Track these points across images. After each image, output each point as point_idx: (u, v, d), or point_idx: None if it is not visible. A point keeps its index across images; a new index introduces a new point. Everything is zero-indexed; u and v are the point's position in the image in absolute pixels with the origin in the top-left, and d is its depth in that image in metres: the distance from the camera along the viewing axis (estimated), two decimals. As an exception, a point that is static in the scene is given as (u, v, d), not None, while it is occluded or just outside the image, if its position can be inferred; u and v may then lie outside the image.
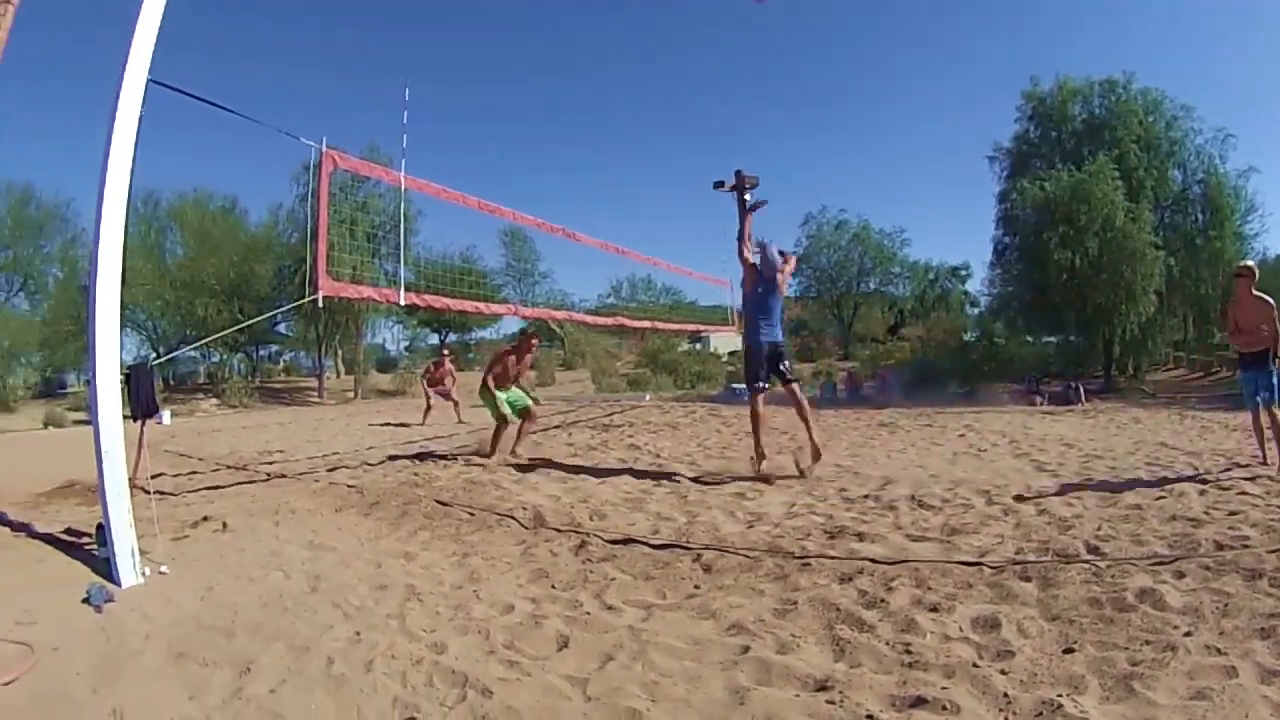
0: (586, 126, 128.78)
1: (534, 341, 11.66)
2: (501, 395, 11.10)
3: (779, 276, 9.20)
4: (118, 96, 5.46)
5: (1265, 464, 8.39)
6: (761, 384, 8.96)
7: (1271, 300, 8.45)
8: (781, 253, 9.41)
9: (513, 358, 11.40)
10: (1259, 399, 8.43)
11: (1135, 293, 24.39)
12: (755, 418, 8.91)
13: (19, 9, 5.14)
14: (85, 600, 4.88)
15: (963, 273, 56.43)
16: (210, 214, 36.60)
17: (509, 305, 11.77)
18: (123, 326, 5.65)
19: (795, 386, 9.14)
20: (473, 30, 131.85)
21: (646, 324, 24.77)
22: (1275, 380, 8.38)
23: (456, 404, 19.19)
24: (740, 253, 9.41)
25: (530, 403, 11.60)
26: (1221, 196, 26.30)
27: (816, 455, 8.76)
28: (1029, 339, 30.25)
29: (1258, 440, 8.67)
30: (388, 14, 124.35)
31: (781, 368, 9.06)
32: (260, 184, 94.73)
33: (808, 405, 8.97)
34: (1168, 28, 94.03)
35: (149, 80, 5.64)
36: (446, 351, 23.19)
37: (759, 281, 9.15)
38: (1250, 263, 9.03)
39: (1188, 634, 3.63)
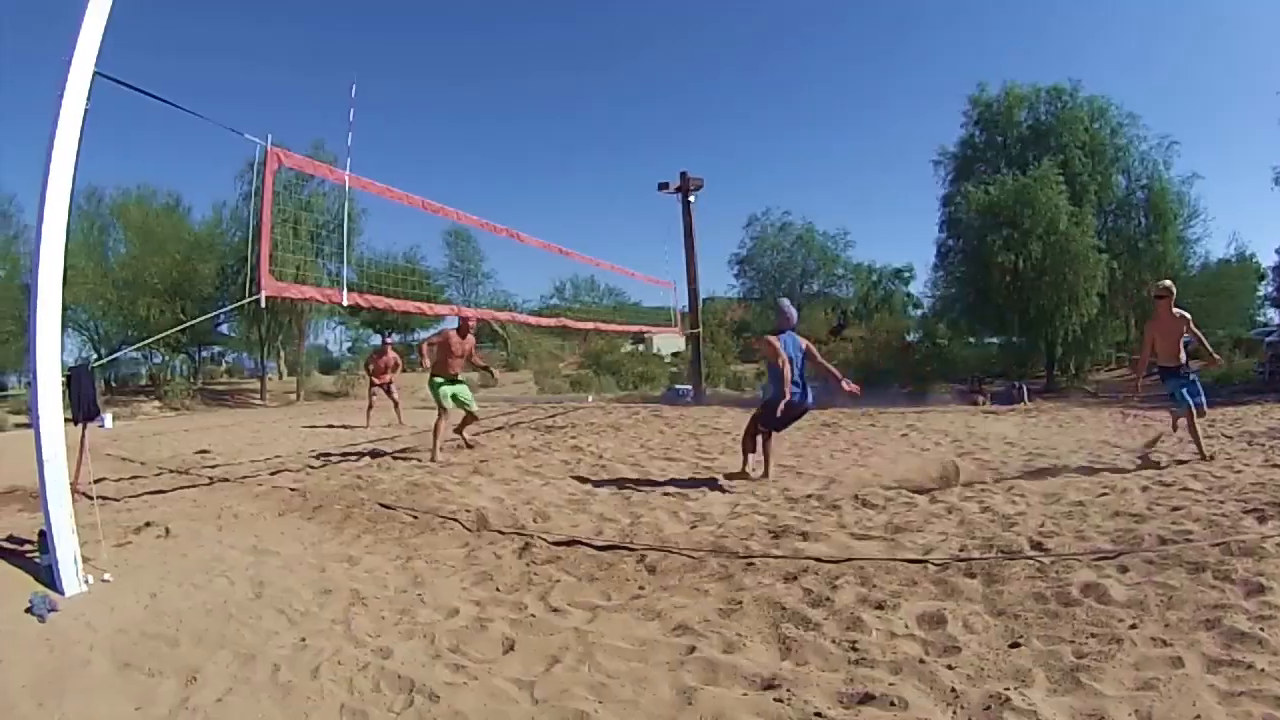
0: (530, 127, 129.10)
1: (469, 324, 11.61)
2: (446, 389, 11.13)
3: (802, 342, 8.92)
4: (63, 90, 5.36)
5: (1205, 460, 8.54)
6: (767, 429, 8.83)
7: (1188, 315, 8.74)
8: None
9: (455, 335, 11.32)
10: (1190, 401, 8.63)
11: (1078, 295, 24.62)
12: (753, 439, 8.89)
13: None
14: (28, 610, 4.82)
15: (906, 275, 56.84)
16: (153, 211, 35.77)
17: (452, 306, 11.70)
18: (64, 327, 5.55)
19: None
20: (419, 29, 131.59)
21: (589, 325, 24.75)
22: (1199, 383, 8.67)
23: (397, 404, 18.97)
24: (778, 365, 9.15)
25: (474, 405, 11.57)
26: (1165, 202, 26.59)
27: (766, 474, 8.75)
28: (972, 340, 30.44)
29: (1193, 438, 8.80)
30: (335, 11, 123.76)
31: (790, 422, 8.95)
32: (204, 181, 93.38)
33: (773, 443, 8.96)
34: (1114, 36, 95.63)
35: (95, 73, 5.54)
36: (388, 340, 22.96)
37: (785, 337, 8.72)
38: (1169, 283, 9.27)
39: (1133, 626, 3.69)
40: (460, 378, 11.57)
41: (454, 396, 11.24)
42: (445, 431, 11.20)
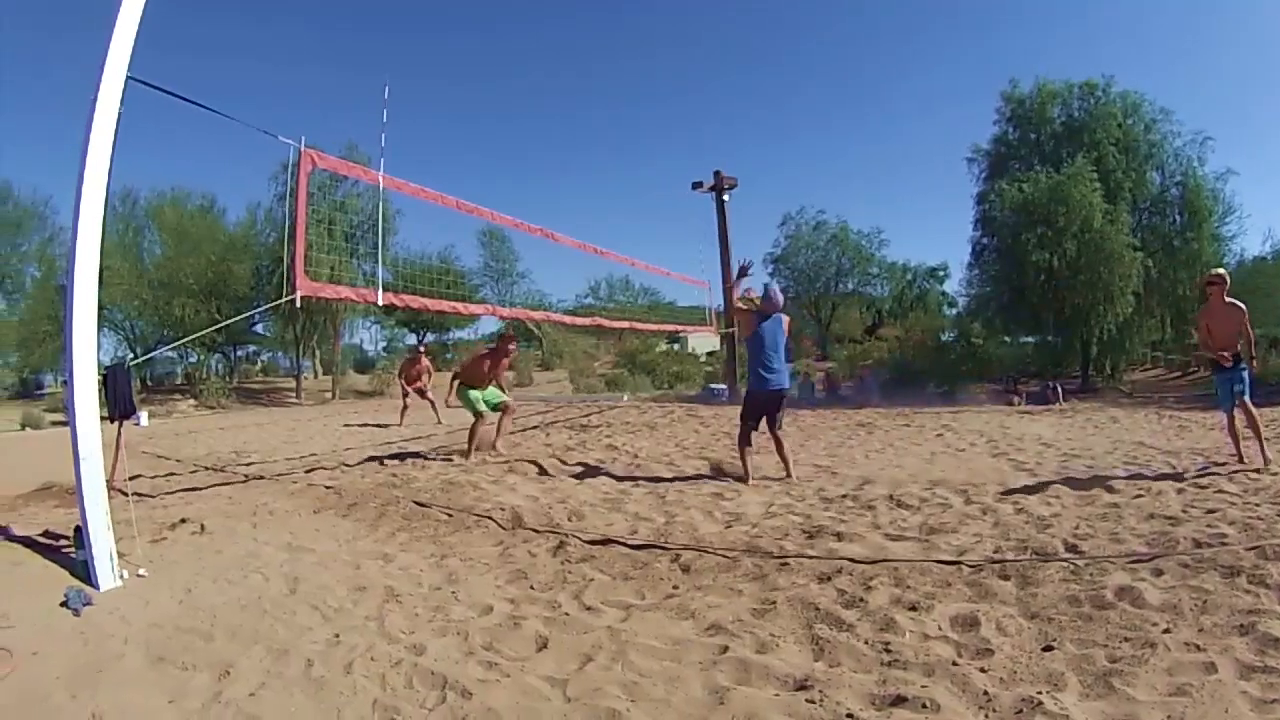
0: (565, 127, 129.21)
1: (511, 344, 11.63)
2: (476, 394, 11.12)
3: (785, 319, 9.00)
4: (96, 94, 5.43)
5: (1242, 463, 8.42)
6: (752, 423, 8.88)
7: (1243, 305, 8.49)
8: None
9: (489, 361, 11.40)
10: (1235, 394, 8.47)
11: (1113, 293, 24.41)
12: (745, 447, 8.85)
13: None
14: (63, 604, 4.87)
15: (940, 273, 56.45)
16: (188, 213, 36.16)
17: (487, 306, 11.71)
18: (100, 326, 5.62)
19: (780, 435, 8.97)
20: (453, 30, 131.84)
21: (624, 324, 24.73)
22: (1248, 377, 8.44)
23: (434, 404, 19.07)
24: (741, 335, 9.30)
25: (506, 397, 11.60)
26: (1199, 199, 26.30)
27: (788, 475, 8.73)
28: (1006, 339, 30.18)
29: (1233, 441, 8.69)
30: (368, 13, 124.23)
31: (778, 414, 8.89)
32: (239, 183, 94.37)
33: (787, 446, 8.94)
34: (1148, 31, 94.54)
35: (128, 77, 5.60)
36: (422, 348, 23.08)
37: (764, 320, 8.86)
38: (1222, 270, 9.03)
39: (1166, 631, 3.65)
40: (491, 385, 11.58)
41: (486, 400, 11.27)
42: (484, 434, 11.21)
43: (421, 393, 19.23)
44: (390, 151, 8.88)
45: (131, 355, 31.00)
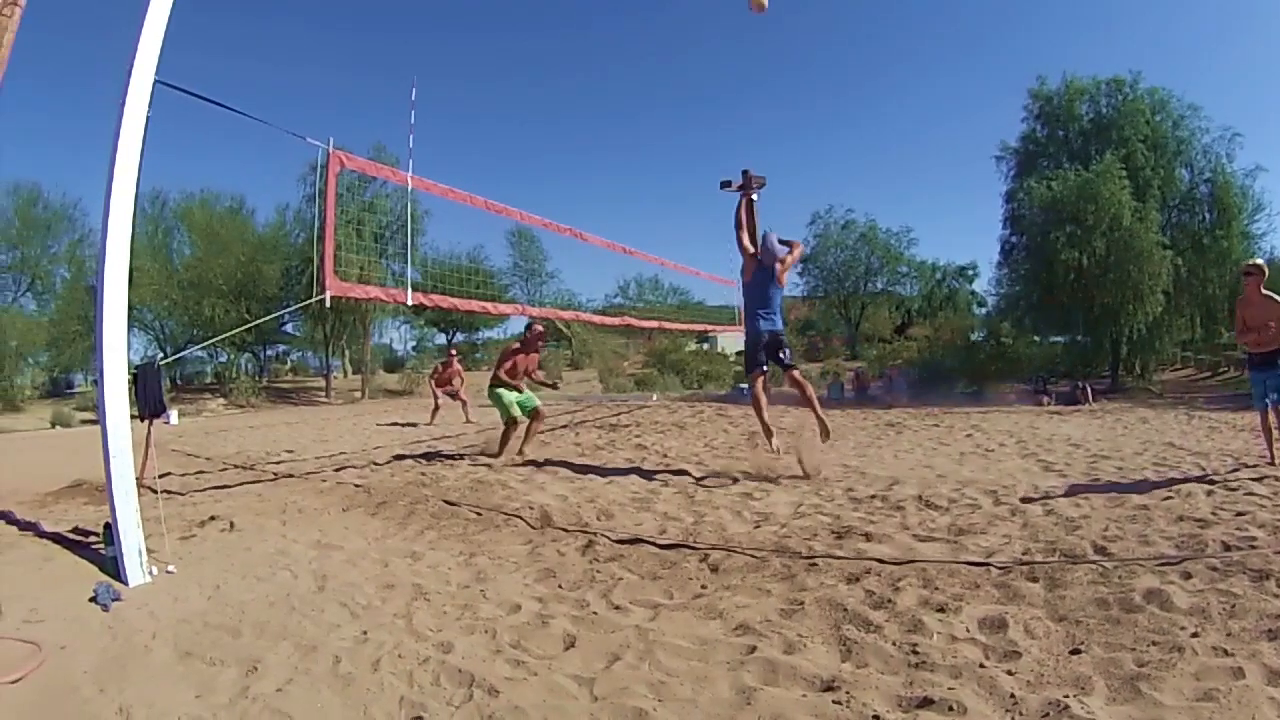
0: (594, 126, 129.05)
1: (539, 331, 11.66)
2: (512, 396, 11.10)
3: (778, 266, 9.17)
4: (124, 98, 5.50)
5: (1273, 464, 8.35)
6: (760, 368, 9.04)
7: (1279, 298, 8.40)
8: (785, 241, 9.39)
9: (521, 354, 11.40)
10: (1268, 399, 8.39)
11: (1143, 292, 24.24)
12: (756, 400, 8.97)
13: (25, 11, 5.15)
14: (93, 599, 4.93)
15: (970, 272, 56.38)
16: (217, 214, 36.49)
17: (516, 305, 11.68)
18: (130, 326, 5.68)
19: (797, 373, 9.17)
20: (480, 30, 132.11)
21: (653, 324, 24.72)
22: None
23: (465, 404, 19.17)
24: (739, 240, 9.47)
25: (539, 403, 11.60)
26: (1229, 196, 26.13)
27: (826, 434, 8.88)
28: (1036, 339, 29.97)
29: (1266, 441, 8.62)
30: (394, 14, 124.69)
31: (781, 355, 9.07)
32: (267, 184, 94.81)
33: (811, 389, 9.01)
34: (1174, 27, 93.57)
35: (156, 81, 5.67)
36: (454, 352, 23.18)
37: (758, 270, 9.19)
38: (1259, 261, 8.92)
39: (1195, 635, 3.62)
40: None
41: (520, 404, 11.23)
42: (514, 438, 11.21)
43: (454, 394, 19.36)
44: (418, 152, 8.90)
45: (161, 354, 31.21)
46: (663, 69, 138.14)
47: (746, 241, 9.45)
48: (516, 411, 11.06)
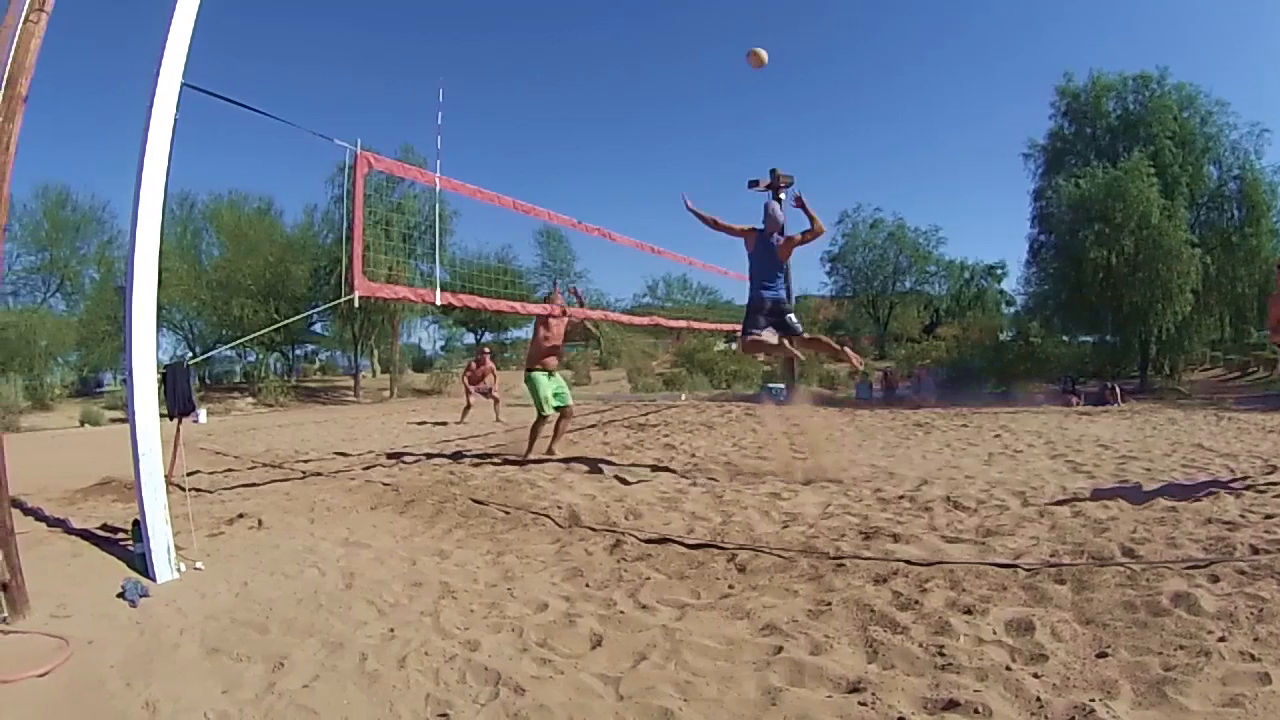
0: (622, 125, 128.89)
1: (558, 300, 11.68)
2: (547, 388, 11.10)
3: (778, 238, 9.07)
4: (152, 101, 5.56)
5: None
6: (759, 330, 8.91)
7: None
8: (807, 213, 8.86)
9: (543, 329, 11.34)
10: None
11: (1171, 291, 24.05)
12: (759, 343, 9.03)
13: (51, 15, 5.23)
14: (120, 595, 5.00)
15: (999, 271, 55.82)
16: (246, 215, 36.78)
17: (546, 306, 11.66)
18: (159, 326, 5.74)
19: (804, 336, 9.18)
20: (507, 30, 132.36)
21: (682, 323, 24.68)
22: None
23: (497, 402, 19.25)
24: (717, 229, 9.42)
25: (570, 400, 11.62)
26: (1257, 193, 25.81)
27: (855, 369, 9.87)
28: (1065, 338, 29.82)
29: None
30: (421, 15, 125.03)
31: (789, 320, 8.95)
32: (295, 185, 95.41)
33: (827, 338, 9.37)
34: (1200, 20, 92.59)
35: (183, 84, 5.73)
36: (486, 349, 23.26)
37: (759, 241, 9.10)
38: None
39: (1222, 639, 3.60)
40: (557, 373, 11.57)
41: (556, 396, 11.25)
42: (541, 437, 11.20)
43: (486, 392, 19.44)
44: (446, 152, 8.94)
45: (190, 354, 31.49)
46: (691, 67, 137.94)
47: (721, 222, 9.36)
48: (549, 407, 11.07)
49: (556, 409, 11.30)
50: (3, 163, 4.84)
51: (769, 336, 8.91)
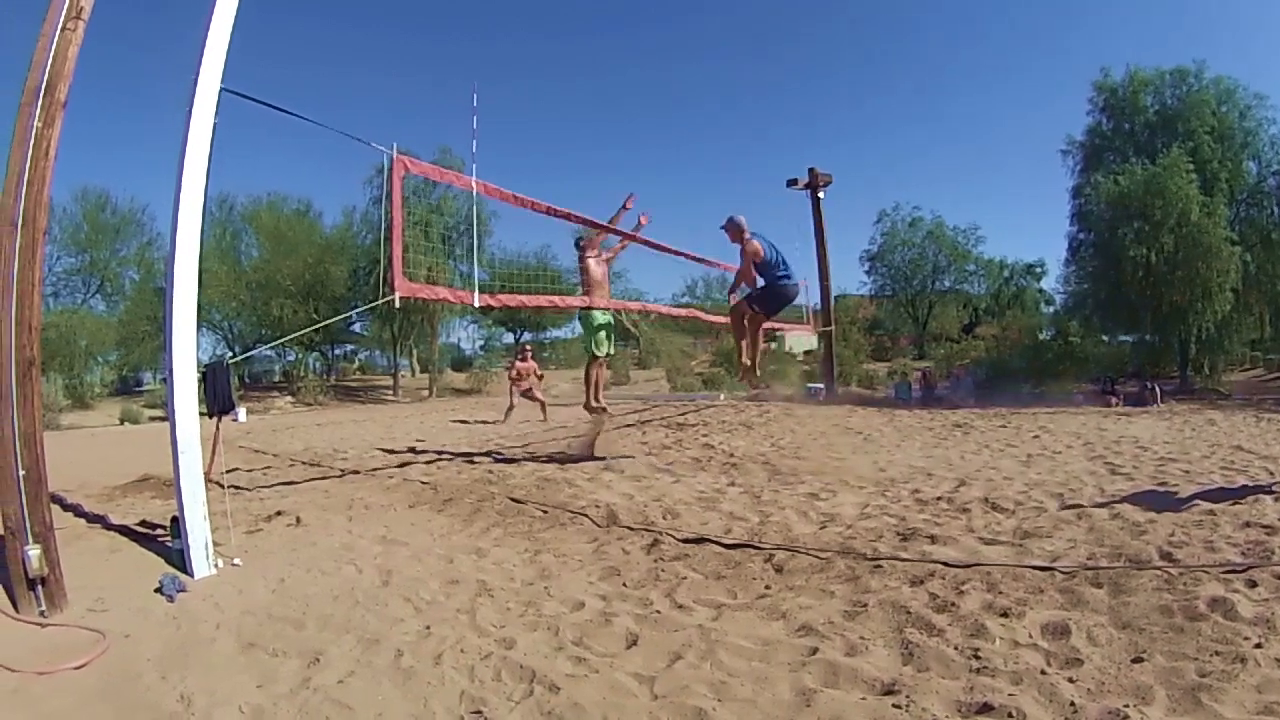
0: (662, 127, 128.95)
1: (595, 235, 11.57)
2: (603, 325, 11.27)
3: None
4: (191, 106, 5.67)
5: None
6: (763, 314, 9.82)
7: None
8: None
9: (587, 265, 11.27)
10: None
11: (1211, 290, 23.79)
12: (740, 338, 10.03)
13: (89, 22, 5.34)
14: (158, 590, 5.11)
15: (1038, 270, 55.45)
16: (285, 217, 37.28)
17: (585, 299, 11.57)
18: (199, 326, 5.83)
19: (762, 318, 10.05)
20: (546, 33, 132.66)
21: (722, 320, 24.72)
22: None
23: (543, 404, 19.25)
24: (747, 280, 9.90)
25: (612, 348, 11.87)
26: (1298, 189, 25.57)
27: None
28: (1104, 338, 29.54)
29: None
30: (458, 17, 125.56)
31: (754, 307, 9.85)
32: (334, 186, 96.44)
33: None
34: (1237, 13, 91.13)
35: (222, 89, 5.82)
36: (528, 346, 23.33)
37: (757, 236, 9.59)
38: None
39: (1258, 646, 3.57)
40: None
41: (607, 337, 11.41)
42: (603, 381, 11.40)
43: (529, 394, 19.45)
44: (483, 153, 8.97)
45: (230, 353, 31.82)
46: (732, 68, 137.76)
47: (748, 269, 9.68)
48: (602, 349, 11.29)
49: (606, 353, 11.50)
50: (43, 167, 4.96)
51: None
